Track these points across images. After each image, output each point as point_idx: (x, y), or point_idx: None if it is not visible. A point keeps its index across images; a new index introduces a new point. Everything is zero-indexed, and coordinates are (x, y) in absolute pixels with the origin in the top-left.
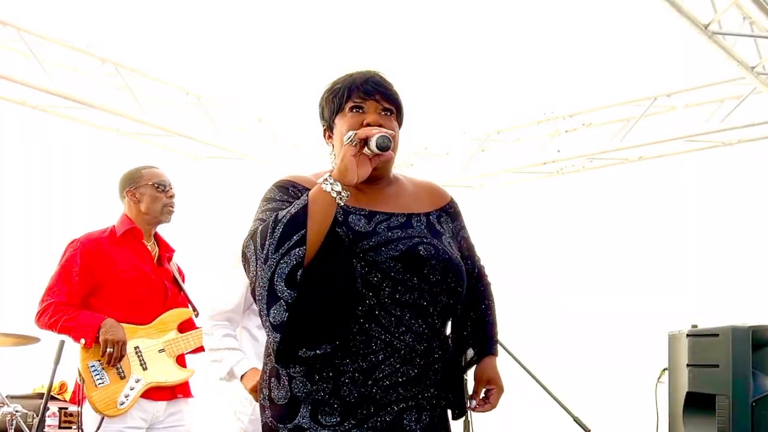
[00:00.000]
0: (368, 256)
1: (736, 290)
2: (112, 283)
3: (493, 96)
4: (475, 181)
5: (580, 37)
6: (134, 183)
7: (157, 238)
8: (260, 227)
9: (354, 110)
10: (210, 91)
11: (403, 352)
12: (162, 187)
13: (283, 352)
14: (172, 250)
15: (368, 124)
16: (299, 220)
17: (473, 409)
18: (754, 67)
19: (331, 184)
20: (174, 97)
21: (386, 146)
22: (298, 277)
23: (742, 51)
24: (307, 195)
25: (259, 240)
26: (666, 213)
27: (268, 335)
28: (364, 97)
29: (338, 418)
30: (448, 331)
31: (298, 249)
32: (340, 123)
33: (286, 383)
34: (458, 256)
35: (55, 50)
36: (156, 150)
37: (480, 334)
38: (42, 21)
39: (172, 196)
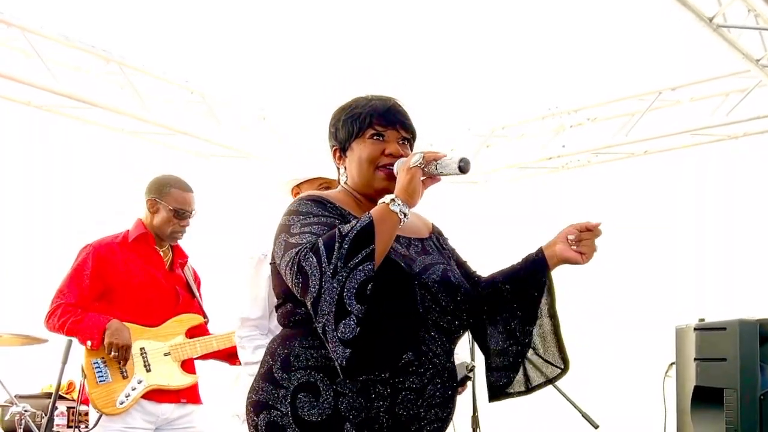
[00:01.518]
0: (421, 279)
1: (743, 283)
2: (123, 288)
3: (497, 92)
4: (479, 177)
5: (584, 32)
6: (159, 195)
7: (172, 244)
8: (321, 241)
9: (374, 137)
10: (214, 89)
11: (442, 373)
12: (180, 214)
13: (353, 368)
14: (186, 256)
15: (390, 154)
16: (366, 236)
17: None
18: (759, 60)
19: (399, 205)
20: (178, 96)
21: (468, 169)
22: (368, 292)
23: (747, 44)
24: (369, 213)
25: (323, 253)
26: (672, 207)
27: (334, 350)
28: (385, 126)
29: None
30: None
31: (367, 264)
32: (359, 149)
33: (330, 399)
34: None
35: (59, 50)
36: (160, 148)
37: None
38: (46, 21)
39: (185, 225)
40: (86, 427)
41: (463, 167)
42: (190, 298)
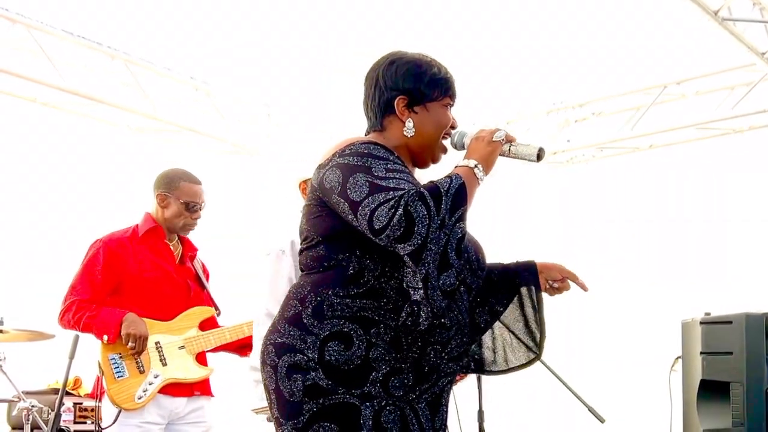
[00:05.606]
0: None
1: (749, 277)
2: (135, 282)
3: (502, 87)
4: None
5: (589, 26)
6: (168, 189)
7: (181, 237)
8: (426, 192)
9: (448, 107)
10: (218, 86)
11: (464, 328)
12: (191, 207)
13: (440, 317)
14: (196, 249)
15: (453, 127)
16: (463, 196)
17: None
18: (764, 53)
19: (482, 172)
20: (183, 92)
21: (543, 157)
22: (462, 249)
23: (752, 37)
24: (458, 174)
25: (432, 204)
26: (677, 201)
27: (431, 298)
28: (454, 99)
29: (407, 388)
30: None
31: (461, 223)
32: (438, 113)
33: (362, 350)
34: None
35: (64, 47)
36: (165, 145)
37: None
38: (51, 18)
39: (197, 218)
40: (93, 422)
41: (541, 155)
42: (200, 290)
